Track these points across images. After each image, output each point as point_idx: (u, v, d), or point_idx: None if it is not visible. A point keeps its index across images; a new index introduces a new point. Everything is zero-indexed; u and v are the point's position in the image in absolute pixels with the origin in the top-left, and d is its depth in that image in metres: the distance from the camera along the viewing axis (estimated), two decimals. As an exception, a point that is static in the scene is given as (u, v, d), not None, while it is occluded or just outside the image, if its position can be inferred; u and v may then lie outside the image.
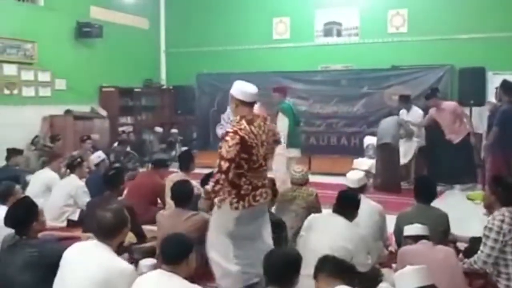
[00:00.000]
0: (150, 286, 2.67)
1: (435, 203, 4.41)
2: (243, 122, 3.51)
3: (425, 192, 4.30)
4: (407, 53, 10.09)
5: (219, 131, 10.58)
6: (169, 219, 4.09)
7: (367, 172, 8.32)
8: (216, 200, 3.55)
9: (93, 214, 4.29)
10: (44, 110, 9.45)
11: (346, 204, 3.80)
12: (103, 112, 10.64)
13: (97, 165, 6.60)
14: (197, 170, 9.72)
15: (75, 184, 5.77)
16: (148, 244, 4.47)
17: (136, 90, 11.62)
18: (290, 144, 7.19)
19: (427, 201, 4.26)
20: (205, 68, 11.40)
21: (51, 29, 9.62)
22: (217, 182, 3.40)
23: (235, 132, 3.44)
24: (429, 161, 8.22)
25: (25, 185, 6.16)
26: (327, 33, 11.20)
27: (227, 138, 3.43)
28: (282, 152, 7.61)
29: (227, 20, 11.91)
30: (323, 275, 2.54)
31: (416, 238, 3.55)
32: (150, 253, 4.23)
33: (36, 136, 8.68)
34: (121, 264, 2.87)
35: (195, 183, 4.85)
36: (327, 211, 4.18)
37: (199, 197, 3.87)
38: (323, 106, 9.78)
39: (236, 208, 3.50)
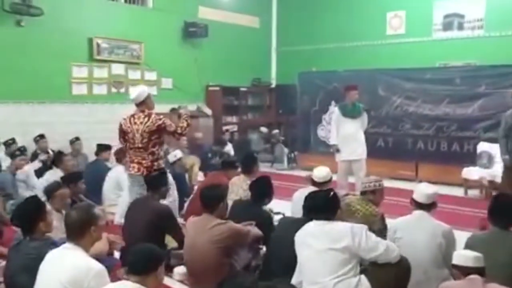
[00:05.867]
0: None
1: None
2: (128, 115, 4.97)
3: (501, 213, 3.46)
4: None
5: (320, 132, 10.09)
6: (194, 226, 3.78)
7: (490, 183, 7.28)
8: None
9: (131, 215, 4.25)
10: (149, 109, 9.77)
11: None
12: (208, 111, 10.77)
13: (172, 164, 6.57)
14: (297, 173, 9.56)
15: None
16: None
17: (242, 89, 11.58)
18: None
19: (503, 224, 3.44)
20: (315, 66, 10.98)
21: (158, 29, 9.94)
22: None
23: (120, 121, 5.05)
24: None
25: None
26: (447, 26, 10.12)
27: None
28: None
29: (339, 16, 11.39)
30: None
31: (465, 270, 2.83)
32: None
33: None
34: (89, 263, 2.68)
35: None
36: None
37: None
38: (433, 107, 8.76)
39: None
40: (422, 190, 3.93)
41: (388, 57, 10.53)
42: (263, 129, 11.31)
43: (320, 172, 4.90)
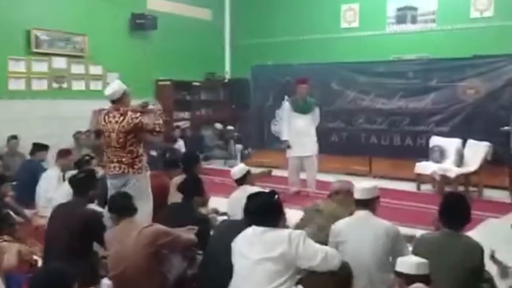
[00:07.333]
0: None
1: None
2: (104, 112, 4.67)
3: (452, 214, 3.26)
4: (491, 41, 8.71)
5: (274, 128, 9.82)
6: (116, 235, 3.42)
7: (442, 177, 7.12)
8: None
9: (54, 222, 3.87)
10: (95, 104, 9.27)
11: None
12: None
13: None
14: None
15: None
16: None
17: (194, 84, 11.19)
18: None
19: (453, 226, 3.23)
20: (270, 60, 10.70)
21: (103, 21, 9.41)
22: None
23: None
24: None
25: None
26: (400, 19, 10.03)
27: None
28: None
29: (294, 9, 11.19)
30: None
31: (409, 278, 2.60)
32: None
33: (79, 132, 8.51)
34: None
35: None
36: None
37: None
38: (386, 102, 8.64)
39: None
40: (360, 186, 3.71)
41: (343, 50, 10.37)
42: (218, 125, 10.96)
43: (235, 168, 4.89)
